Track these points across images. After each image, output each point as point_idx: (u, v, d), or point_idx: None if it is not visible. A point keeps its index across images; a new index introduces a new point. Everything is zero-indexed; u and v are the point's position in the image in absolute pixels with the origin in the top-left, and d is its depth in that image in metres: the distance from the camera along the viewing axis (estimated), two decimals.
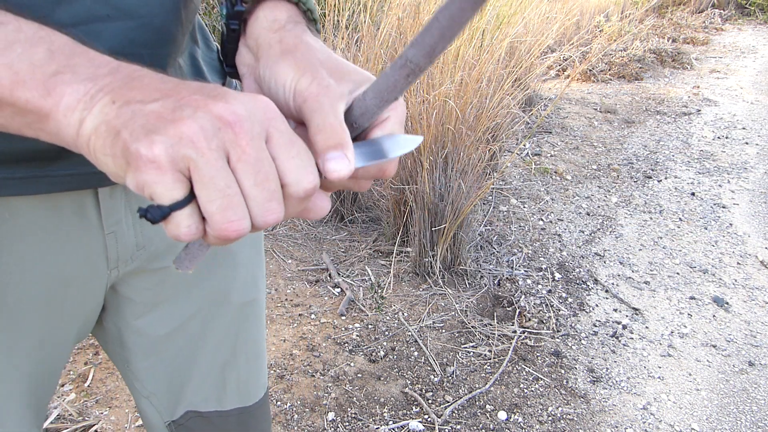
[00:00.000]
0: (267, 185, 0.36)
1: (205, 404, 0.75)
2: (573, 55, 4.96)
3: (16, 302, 0.55)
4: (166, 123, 0.34)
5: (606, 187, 3.22)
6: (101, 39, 0.46)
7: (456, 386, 1.82)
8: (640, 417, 1.75)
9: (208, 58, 0.62)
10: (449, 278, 2.30)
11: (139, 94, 0.36)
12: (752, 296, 2.34)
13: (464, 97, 2.29)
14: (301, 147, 0.37)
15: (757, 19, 7.87)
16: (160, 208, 0.35)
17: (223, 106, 0.35)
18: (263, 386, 0.80)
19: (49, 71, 0.36)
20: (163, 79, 0.37)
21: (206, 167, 0.34)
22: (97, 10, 0.45)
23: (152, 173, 0.34)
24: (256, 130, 0.36)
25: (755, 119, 4.33)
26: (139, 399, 0.74)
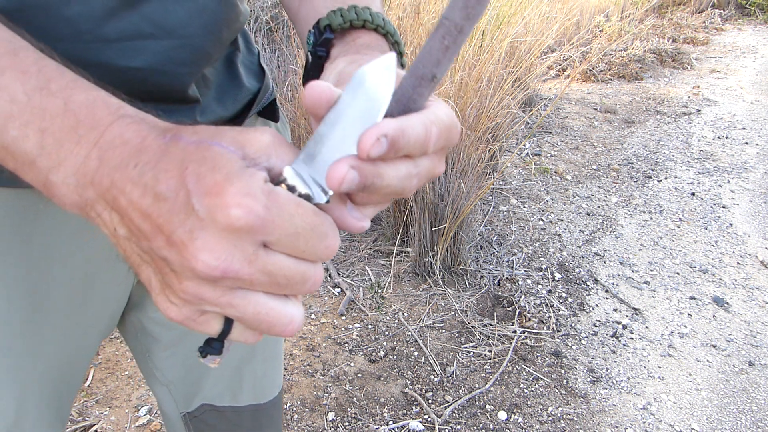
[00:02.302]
0: (293, 281, 0.35)
1: (221, 398, 0.76)
2: (573, 55, 4.96)
3: (45, 296, 0.55)
4: (171, 279, 0.34)
5: (606, 187, 3.22)
6: (142, 55, 0.47)
7: (456, 386, 1.82)
8: (640, 417, 1.75)
9: (247, 61, 0.63)
10: (449, 278, 2.30)
11: (129, 217, 0.34)
12: (752, 296, 2.34)
13: (464, 97, 2.29)
14: (304, 229, 0.34)
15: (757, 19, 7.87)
16: (212, 346, 0.37)
17: (204, 260, 0.32)
18: (278, 386, 0.82)
19: (43, 168, 0.35)
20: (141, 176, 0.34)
21: (228, 312, 0.35)
22: (143, 28, 0.46)
23: (185, 326, 0.36)
24: (250, 253, 0.33)
25: (755, 119, 4.33)
26: (157, 388, 0.76)
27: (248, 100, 0.62)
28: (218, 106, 0.58)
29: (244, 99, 0.62)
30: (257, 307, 0.34)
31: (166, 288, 0.35)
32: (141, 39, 0.46)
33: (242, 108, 0.62)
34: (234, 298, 0.34)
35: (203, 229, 0.32)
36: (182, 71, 0.50)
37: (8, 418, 0.56)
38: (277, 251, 0.34)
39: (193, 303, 0.34)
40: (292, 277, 0.34)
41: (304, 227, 0.34)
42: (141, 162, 0.34)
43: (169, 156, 0.34)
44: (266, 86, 0.65)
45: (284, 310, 0.35)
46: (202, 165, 0.33)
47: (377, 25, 0.51)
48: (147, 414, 1.66)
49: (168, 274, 0.34)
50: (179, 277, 0.33)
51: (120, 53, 0.46)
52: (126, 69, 0.47)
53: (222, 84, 0.59)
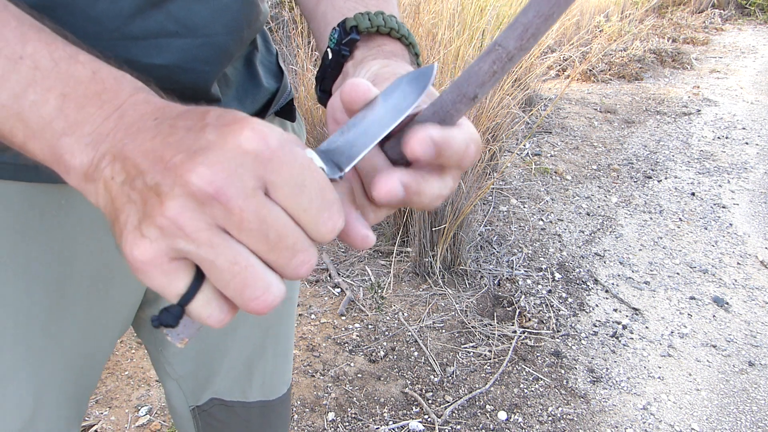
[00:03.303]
0: (284, 243, 0.31)
1: (230, 394, 0.76)
2: (573, 55, 4.95)
3: (66, 291, 0.55)
4: (152, 206, 0.30)
5: (606, 187, 3.22)
6: (167, 53, 0.48)
7: (456, 386, 1.82)
8: (640, 417, 1.75)
9: (266, 61, 0.64)
10: (449, 278, 2.30)
11: (132, 159, 0.32)
12: (752, 296, 2.34)
13: None
14: (311, 185, 0.32)
15: (757, 19, 7.87)
16: (170, 312, 0.32)
17: (200, 173, 0.29)
18: (287, 383, 0.82)
19: (57, 130, 0.35)
20: (158, 125, 0.33)
21: (203, 252, 0.31)
22: (167, 26, 0.47)
23: (148, 274, 0.31)
24: (249, 187, 0.30)
25: (755, 119, 4.33)
26: (167, 381, 0.76)
27: (267, 100, 0.63)
28: (238, 105, 0.59)
29: (263, 99, 0.62)
30: (237, 256, 0.31)
31: (144, 220, 0.31)
32: (166, 37, 0.47)
33: (261, 107, 0.62)
34: (215, 236, 0.30)
35: (209, 149, 0.30)
36: (204, 69, 0.51)
37: (26, 412, 0.56)
38: (277, 202, 0.31)
39: (169, 233, 0.30)
40: (285, 236, 0.31)
41: (312, 183, 0.32)
42: (161, 116, 0.33)
43: (192, 110, 0.33)
44: (284, 86, 0.65)
45: (264, 274, 0.32)
46: (225, 112, 0.32)
47: (402, 35, 0.52)
48: (147, 414, 1.66)
49: (152, 200, 0.30)
50: (164, 198, 0.30)
51: (145, 51, 0.47)
52: (150, 66, 0.48)
53: (242, 83, 0.60)
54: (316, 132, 2.54)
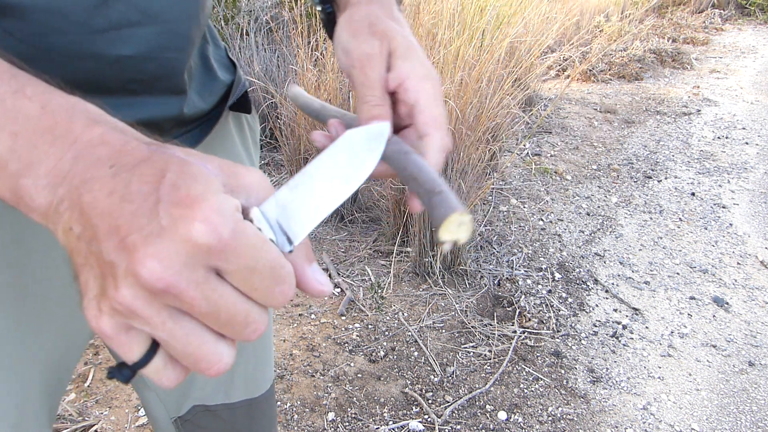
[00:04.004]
0: (235, 320, 0.32)
1: (213, 398, 0.75)
2: (573, 55, 4.95)
3: (39, 292, 0.55)
4: (108, 285, 0.32)
5: (606, 187, 3.22)
6: (132, 43, 0.48)
7: (456, 386, 1.82)
8: (640, 417, 1.75)
9: (217, 56, 0.64)
10: (449, 278, 2.30)
11: (88, 216, 0.32)
12: (752, 296, 2.34)
13: (464, 97, 2.29)
14: (263, 267, 0.32)
15: (757, 19, 7.87)
16: (122, 372, 0.34)
17: (150, 267, 0.30)
18: (270, 379, 0.81)
19: (13, 172, 0.34)
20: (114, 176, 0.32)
21: (158, 333, 0.32)
22: (130, 15, 0.47)
23: (106, 341, 0.33)
24: (200, 276, 0.31)
25: (755, 119, 4.33)
26: (145, 392, 0.74)
27: (223, 92, 0.64)
28: (198, 99, 0.59)
29: (220, 91, 0.63)
30: (190, 336, 0.32)
31: (101, 296, 0.32)
32: (129, 27, 0.47)
33: (219, 100, 0.63)
34: (168, 319, 0.32)
35: (161, 237, 0.30)
36: (170, 57, 0.51)
37: (9, 420, 0.57)
38: (228, 283, 0.32)
39: (123, 315, 0.32)
40: (236, 314, 0.32)
41: (264, 264, 0.32)
42: (119, 163, 0.32)
43: (150, 162, 0.32)
44: (239, 78, 0.66)
45: (216, 347, 0.33)
46: (180, 177, 0.31)
47: None
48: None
49: (107, 278, 0.31)
50: (118, 283, 0.31)
51: (110, 43, 0.47)
52: (118, 58, 0.48)
53: (199, 77, 0.60)
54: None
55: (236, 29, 3.17)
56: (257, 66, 3.04)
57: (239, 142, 0.69)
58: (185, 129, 0.59)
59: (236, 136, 0.69)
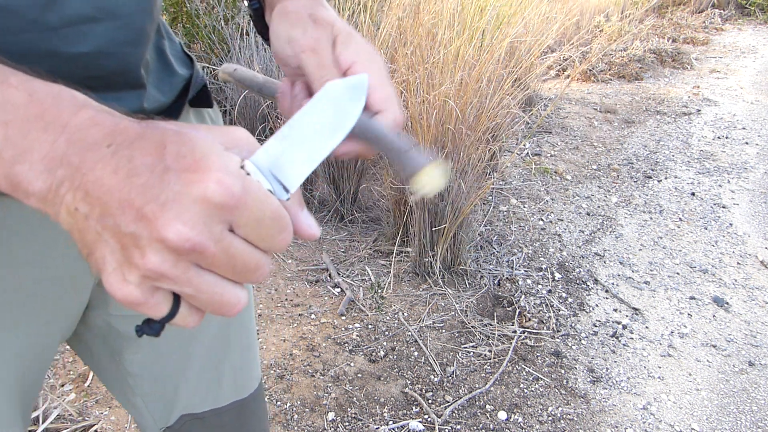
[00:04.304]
0: (248, 267, 0.36)
1: (201, 404, 0.74)
2: (573, 55, 4.95)
3: (9, 301, 0.55)
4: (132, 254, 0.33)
5: (606, 187, 3.22)
6: (88, 40, 0.47)
7: (456, 386, 1.82)
8: (640, 417, 1.75)
9: (173, 51, 0.64)
10: (449, 278, 2.30)
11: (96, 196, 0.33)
12: (752, 296, 2.34)
13: (464, 97, 2.29)
14: (269, 218, 0.36)
15: (757, 19, 7.87)
16: (152, 327, 0.37)
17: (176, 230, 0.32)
18: (257, 377, 0.80)
19: (8, 159, 0.35)
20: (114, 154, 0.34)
21: (185, 289, 0.35)
22: (83, 11, 0.47)
23: (134, 308, 0.35)
24: (218, 233, 0.34)
25: (755, 119, 4.33)
26: (133, 400, 0.73)
27: (182, 86, 0.64)
28: (158, 93, 0.59)
29: (179, 85, 0.63)
30: (214, 287, 0.35)
31: (125, 265, 0.34)
32: (85, 23, 0.47)
33: (179, 94, 0.63)
34: (193, 276, 0.34)
35: (177, 201, 0.32)
36: (127, 51, 0.51)
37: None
38: (240, 235, 0.35)
39: (152, 279, 0.34)
40: (248, 263, 0.36)
41: (269, 215, 0.35)
42: (115, 142, 0.34)
43: (147, 137, 0.34)
44: (197, 72, 0.66)
45: (234, 293, 0.36)
46: (182, 145, 0.33)
47: None
48: None
49: (131, 249, 0.33)
50: (144, 251, 0.33)
51: (66, 40, 0.47)
52: (75, 55, 0.47)
53: (157, 71, 0.60)
54: None
55: (236, 29, 3.17)
56: (257, 66, 3.04)
57: None
58: None
59: None
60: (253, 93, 0.50)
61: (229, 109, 3.23)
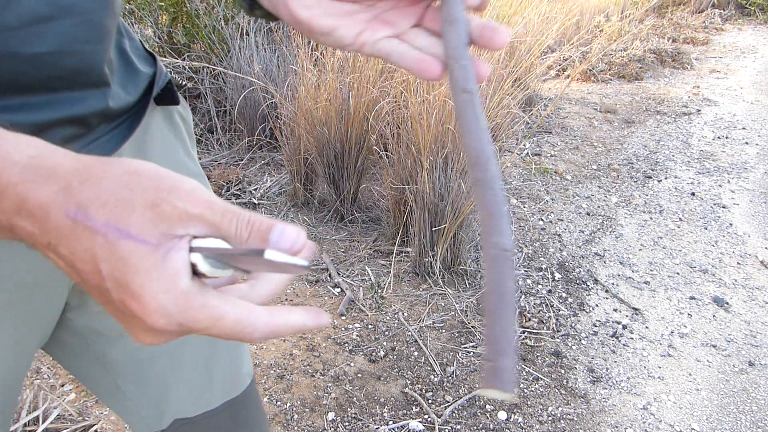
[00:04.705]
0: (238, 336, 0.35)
1: (193, 409, 0.73)
2: (573, 55, 4.95)
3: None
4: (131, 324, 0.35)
5: (606, 187, 3.22)
6: (46, 39, 0.46)
7: (456, 386, 1.82)
8: (640, 417, 1.75)
9: (134, 49, 0.63)
10: (449, 278, 2.30)
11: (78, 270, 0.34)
12: (752, 296, 2.34)
13: None
14: (222, 329, 0.34)
15: (757, 19, 7.87)
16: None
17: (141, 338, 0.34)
18: (249, 374, 0.78)
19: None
20: (68, 264, 0.34)
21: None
22: (40, 10, 0.45)
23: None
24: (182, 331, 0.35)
25: (755, 119, 4.33)
26: (124, 404, 0.72)
27: (147, 84, 0.63)
28: (122, 92, 0.58)
29: (143, 83, 0.62)
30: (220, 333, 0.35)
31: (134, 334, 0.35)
32: (43, 22, 0.46)
33: (143, 92, 0.62)
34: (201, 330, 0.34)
35: (129, 322, 0.34)
36: (88, 49, 0.50)
37: None
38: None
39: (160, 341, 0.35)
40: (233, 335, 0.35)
41: (224, 328, 0.34)
42: (52, 239, 0.33)
43: (81, 246, 0.32)
44: (160, 69, 0.65)
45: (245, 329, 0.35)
46: (115, 269, 0.32)
47: None
48: None
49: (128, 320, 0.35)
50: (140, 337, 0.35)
51: (25, 40, 0.45)
52: (34, 55, 0.46)
53: (120, 70, 0.59)
54: (316, 132, 2.54)
55: (236, 29, 3.17)
56: (257, 66, 3.04)
57: (171, 134, 0.68)
58: (112, 125, 0.58)
59: (167, 129, 0.67)
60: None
61: (229, 109, 3.23)
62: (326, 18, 0.46)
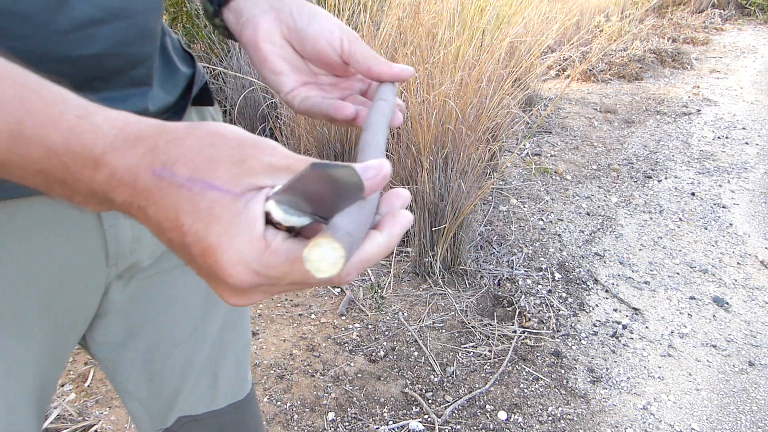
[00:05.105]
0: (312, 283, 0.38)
1: (199, 406, 0.73)
2: (573, 55, 4.95)
3: (23, 307, 0.54)
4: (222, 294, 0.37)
5: (606, 187, 3.22)
6: (96, 42, 0.47)
7: (456, 386, 1.82)
8: (640, 417, 1.75)
9: (174, 48, 0.64)
10: (449, 278, 2.30)
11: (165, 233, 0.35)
12: (752, 296, 2.34)
13: (464, 97, 2.29)
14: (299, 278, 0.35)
15: (757, 19, 7.87)
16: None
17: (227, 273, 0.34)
18: (250, 381, 0.80)
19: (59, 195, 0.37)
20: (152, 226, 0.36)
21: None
22: (91, 14, 0.46)
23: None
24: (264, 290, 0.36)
25: (755, 119, 4.33)
26: (132, 403, 0.73)
27: (186, 84, 0.63)
28: (163, 92, 0.59)
29: (183, 83, 0.63)
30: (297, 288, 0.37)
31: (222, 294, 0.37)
32: (93, 26, 0.47)
33: (182, 92, 0.63)
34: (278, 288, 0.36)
35: (209, 276, 0.35)
36: (133, 52, 0.51)
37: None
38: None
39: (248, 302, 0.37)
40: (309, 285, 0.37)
41: (299, 279, 0.34)
42: (141, 202, 0.34)
43: (166, 203, 0.34)
44: (199, 70, 0.66)
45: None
46: (196, 221, 0.33)
47: None
48: None
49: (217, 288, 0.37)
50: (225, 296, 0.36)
51: (76, 43, 0.46)
52: (82, 58, 0.47)
53: (161, 69, 0.60)
54: (316, 132, 2.54)
55: None
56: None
57: None
58: None
59: None
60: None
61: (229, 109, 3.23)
62: (281, 60, 0.55)
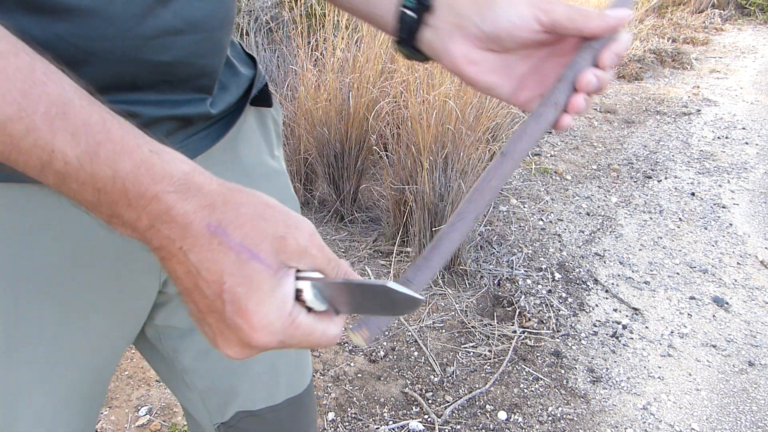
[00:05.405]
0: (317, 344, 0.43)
1: (257, 402, 0.74)
2: None
3: (75, 299, 0.54)
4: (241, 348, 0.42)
5: (606, 187, 3.22)
6: (172, 50, 0.50)
7: (456, 386, 1.82)
8: (640, 417, 1.75)
9: (234, 53, 0.66)
10: (449, 278, 2.30)
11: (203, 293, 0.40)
12: (752, 296, 2.34)
13: (464, 97, 2.29)
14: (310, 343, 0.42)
15: (757, 19, 7.87)
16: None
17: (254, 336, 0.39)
18: (309, 374, 0.81)
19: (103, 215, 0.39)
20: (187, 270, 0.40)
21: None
22: (174, 24, 0.49)
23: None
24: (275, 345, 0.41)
25: (755, 119, 4.33)
26: (189, 395, 0.73)
27: (246, 86, 0.65)
28: (224, 94, 0.61)
29: (244, 85, 0.65)
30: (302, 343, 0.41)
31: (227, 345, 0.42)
32: (173, 35, 0.49)
33: (243, 93, 0.65)
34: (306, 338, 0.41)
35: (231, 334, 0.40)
36: (202, 63, 0.53)
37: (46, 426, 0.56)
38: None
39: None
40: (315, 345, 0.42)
41: (310, 343, 0.41)
42: (186, 245, 0.38)
43: (212, 257, 0.38)
44: (259, 72, 0.68)
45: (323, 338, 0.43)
46: (239, 284, 0.38)
47: None
48: (147, 414, 1.66)
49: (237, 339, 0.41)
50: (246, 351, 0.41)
51: (154, 49, 0.49)
52: (157, 63, 0.49)
53: (224, 73, 0.62)
54: (316, 132, 2.54)
55: (236, 29, 3.17)
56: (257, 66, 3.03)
57: (261, 135, 0.70)
58: (211, 122, 0.61)
59: (257, 130, 0.70)
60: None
61: None
62: (489, 74, 0.55)
